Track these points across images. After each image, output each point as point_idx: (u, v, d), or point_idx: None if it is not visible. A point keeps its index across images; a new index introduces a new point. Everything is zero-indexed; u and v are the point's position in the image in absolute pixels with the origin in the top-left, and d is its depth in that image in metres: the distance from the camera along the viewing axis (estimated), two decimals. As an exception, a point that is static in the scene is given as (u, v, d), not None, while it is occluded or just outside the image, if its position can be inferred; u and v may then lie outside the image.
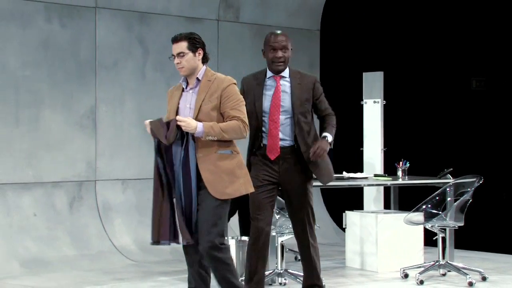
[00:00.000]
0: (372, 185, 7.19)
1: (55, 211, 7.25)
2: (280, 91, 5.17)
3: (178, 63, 4.51)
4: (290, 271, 6.05)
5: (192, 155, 4.41)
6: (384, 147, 7.85)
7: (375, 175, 7.29)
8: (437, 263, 6.48)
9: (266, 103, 5.17)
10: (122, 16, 7.81)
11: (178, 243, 4.59)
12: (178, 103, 4.56)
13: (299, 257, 7.37)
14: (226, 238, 4.55)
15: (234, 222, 7.11)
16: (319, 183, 6.80)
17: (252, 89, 5.22)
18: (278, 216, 5.93)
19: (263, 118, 5.17)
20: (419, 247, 6.98)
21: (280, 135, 5.15)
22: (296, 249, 7.52)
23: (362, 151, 7.98)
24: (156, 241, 4.63)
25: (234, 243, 6.10)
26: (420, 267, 6.51)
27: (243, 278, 6.02)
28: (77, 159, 7.45)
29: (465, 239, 7.61)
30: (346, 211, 7.20)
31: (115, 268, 6.97)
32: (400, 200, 7.44)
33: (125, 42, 7.84)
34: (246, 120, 4.47)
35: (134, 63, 7.93)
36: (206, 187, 4.42)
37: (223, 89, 4.45)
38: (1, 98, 7.08)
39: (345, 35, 9.28)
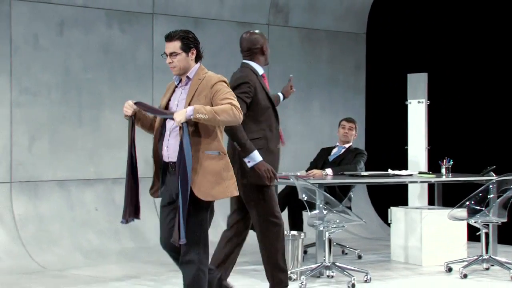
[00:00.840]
0: (417, 182, 7.09)
1: (115, 205, 7.30)
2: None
3: (170, 62, 4.21)
4: (337, 264, 5.99)
5: (187, 149, 4.03)
6: (428, 145, 7.76)
7: (420, 173, 7.19)
8: (481, 258, 6.36)
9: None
10: (177, 21, 7.84)
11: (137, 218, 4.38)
12: (169, 100, 4.27)
13: (346, 251, 7.34)
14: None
15: (283, 217, 7.08)
16: (364, 180, 6.75)
17: (259, 86, 5.03)
18: (326, 211, 5.88)
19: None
20: (463, 242, 6.86)
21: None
22: (344, 243, 7.50)
23: (407, 149, 7.89)
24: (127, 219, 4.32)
25: (284, 237, 6.04)
26: (463, 261, 6.39)
27: (292, 270, 5.99)
28: (139, 158, 7.48)
29: (508, 234, 7.46)
30: (391, 207, 7.11)
31: (171, 260, 6.96)
32: (444, 196, 7.33)
33: (180, 46, 7.86)
34: (238, 106, 4.10)
35: (188, 66, 7.94)
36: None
37: (211, 86, 4.17)
38: (66, 99, 7.17)
39: (390, 37, 9.18)
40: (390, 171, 6.90)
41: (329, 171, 6.75)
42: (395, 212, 7.05)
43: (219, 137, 4.15)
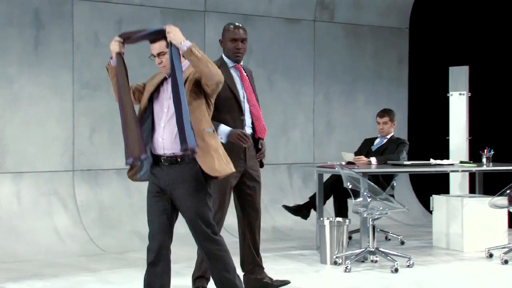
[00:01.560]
0: (458, 171, 7.02)
1: (170, 193, 7.38)
2: (247, 79, 4.89)
3: (160, 63, 4.02)
4: (381, 249, 5.98)
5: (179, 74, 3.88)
6: (469, 136, 7.67)
7: (461, 162, 7.12)
8: (521, 244, 6.27)
9: (241, 90, 4.84)
10: (228, 18, 7.86)
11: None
12: (156, 90, 4.06)
13: (389, 237, 7.30)
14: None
15: (329, 205, 7.10)
16: (407, 169, 6.71)
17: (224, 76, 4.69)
18: (370, 199, 5.86)
19: (241, 106, 4.81)
20: (503, 229, 6.77)
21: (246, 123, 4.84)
22: (387, 229, 7.46)
23: (448, 140, 7.83)
24: (137, 156, 3.94)
25: (329, 224, 6.06)
26: (504, 247, 6.31)
27: (338, 255, 5.99)
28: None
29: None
30: (433, 195, 7.06)
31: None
32: (485, 185, 7.24)
33: (230, 42, 7.90)
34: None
35: (239, 60, 7.98)
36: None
37: (193, 73, 4.00)
38: (123, 93, 7.27)
39: (432, 32, 9.08)
40: (432, 161, 6.85)
41: (373, 160, 6.72)
42: (437, 200, 6.99)
43: (209, 115, 4.05)
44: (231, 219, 7.79)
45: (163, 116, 4.01)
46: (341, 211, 6.95)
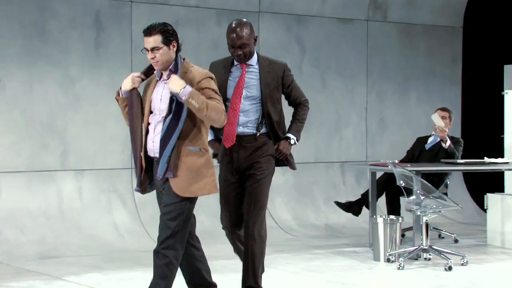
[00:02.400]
0: (513, 169, 6.86)
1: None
2: (244, 80, 4.44)
3: (152, 58, 3.83)
4: (434, 247, 5.89)
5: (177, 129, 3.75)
6: (524, 134, 7.50)
7: (516, 160, 6.96)
8: None
9: (230, 91, 4.45)
10: (282, 18, 7.87)
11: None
12: (152, 94, 3.93)
13: (442, 235, 7.19)
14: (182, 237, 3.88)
15: (381, 202, 7.02)
16: (461, 168, 6.59)
17: (218, 75, 4.39)
18: (423, 197, 5.78)
19: (226, 105, 4.44)
20: (559, 229, 6.60)
21: (241, 122, 4.43)
22: (440, 227, 7.35)
23: (503, 138, 7.68)
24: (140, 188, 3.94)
25: (382, 221, 5.99)
26: (560, 247, 6.15)
27: (391, 252, 5.92)
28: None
29: None
30: (488, 194, 6.91)
31: (276, 241, 7.05)
32: (540, 184, 7.07)
33: (284, 41, 7.90)
34: (224, 109, 3.84)
35: (292, 60, 7.96)
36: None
37: (197, 82, 3.80)
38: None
39: (487, 30, 8.90)
40: (486, 159, 6.71)
41: (448, 142, 6.63)
42: (492, 198, 6.85)
43: (203, 133, 3.86)
44: (284, 215, 7.80)
45: (155, 119, 3.88)
46: (393, 209, 6.87)
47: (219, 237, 7.08)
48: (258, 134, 4.46)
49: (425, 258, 5.97)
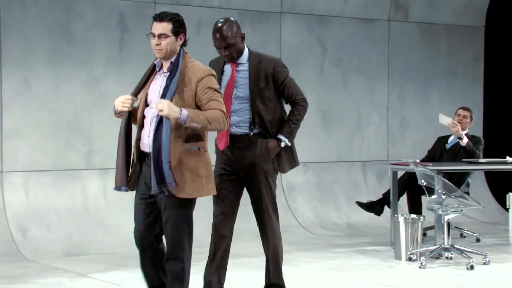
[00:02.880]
0: (535, 169, 6.80)
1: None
2: (234, 79, 4.27)
3: (157, 44, 3.64)
4: (456, 246, 5.87)
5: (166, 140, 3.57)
6: (547, 134, 7.42)
7: (538, 160, 6.90)
8: None
9: (222, 90, 4.26)
10: (303, 19, 7.88)
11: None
12: (149, 86, 3.74)
13: (464, 234, 7.15)
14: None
15: (402, 201, 7.00)
16: (482, 167, 6.55)
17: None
18: (444, 196, 5.76)
19: None
20: None
21: (233, 123, 4.24)
22: (462, 226, 7.31)
23: (525, 137, 7.60)
24: (117, 186, 3.73)
25: (403, 220, 5.98)
26: None
27: (412, 251, 5.91)
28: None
29: None
30: (510, 193, 6.86)
31: (297, 240, 7.06)
32: None
33: (306, 42, 7.91)
34: (225, 111, 3.69)
35: (314, 60, 7.97)
36: None
37: (198, 80, 3.64)
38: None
39: (509, 29, 8.84)
40: (508, 158, 6.67)
41: (465, 139, 6.61)
42: (513, 198, 6.80)
43: (202, 133, 3.68)
44: (306, 213, 7.81)
45: (150, 112, 3.68)
46: (415, 208, 6.85)
47: (242, 235, 7.11)
48: (251, 134, 4.28)
49: (447, 257, 5.95)
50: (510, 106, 8.62)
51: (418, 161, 6.47)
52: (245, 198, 7.42)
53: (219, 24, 4.23)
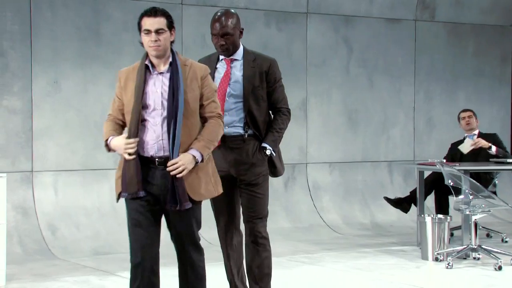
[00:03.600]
0: None
1: (273, 189, 7.42)
2: (229, 76, 4.03)
3: (156, 40, 3.44)
4: (483, 246, 5.81)
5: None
6: None
7: None
8: None
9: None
10: (329, 19, 7.86)
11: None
12: (144, 88, 3.45)
13: (491, 234, 7.08)
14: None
15: (429, 201, 6.95)
16: (510, 167, 6.48)
17: None
18: (471, 196, 5.71)
19: None
20: None
21: (227, 122, 3.96)
22: (489, 227, 7.23)
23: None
24: (133, 192, 3.49)
25: (430, 220, 5.94)
26: None
27: (439, 251, 5.86)
28: (291, 145, 7.60)
29: None
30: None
31: (323, 240, 7.05)
32: None
33: (332, 42, 7.89)
34: (221, 112, 3.57)
35: (339, 60, 7.95)
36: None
37: (201, 77, 3.48)
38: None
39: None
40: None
41: (493, 148, 6.56)
42: (542, 199, 6.72)
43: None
44: (332, 213, 7.78)
45: (153, 115, 3.45)
46: (442, 208, 6.81)
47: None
48: (246, 136, 4.03)
49: (474, 258, 5.89)
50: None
51: (444, 161, 6.42)
52: (271, 198, 7.41)
53: (220, 13, 4.06)
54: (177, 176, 3.37)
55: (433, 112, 8.50)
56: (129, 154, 3.41)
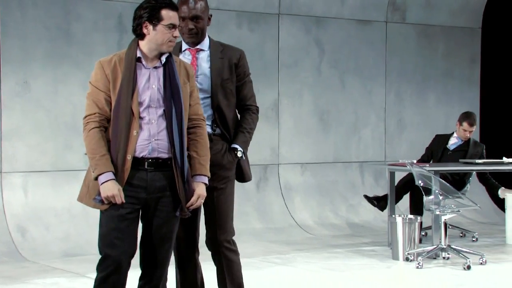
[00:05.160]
0: (531, 169, 6.81)
1: (245, 190, 7.43)
2: (195, 68, 3.64)
3: (176, 36, 3.26)
4: (453, 246, 5.87)
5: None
6: (543, 134, 7.44)
7: (534, 161, 6.92)
8: None
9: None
10: (301, 20, 7.87)
11: None
12: (134, 82, 3.18)
13: (464, 233, 7.16)
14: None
15: (402, 202, 7.00)
16: (480, 167, 6.55)
17: None
18: (442, 197, 5.76)
19: None
20: None
21: None
22: (462, 226, 7.31)
23: (522, 138, 7.62)
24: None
25: (401, 221, 5.98)
26: None
27: (409, 251, 5.90)
28: (263, 145, 7.61)
29: None
30: (507, 193, 6.87)
31: (295, 240, 7.06)
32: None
33: (303, 43, 7.90)
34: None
35: (311, 61, 7.97)
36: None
37: (191, 76, 3.31)
38: (200, 93, 7.36)
39: (506, 31, 8.84)
40: (504, 159, 6.68)
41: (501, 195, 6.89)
42: (510, 198, 6.80)
43: None
44: (303, 214, 7.80)
45: (151, 112, 3.20)
46: (417, 208, 6.86)
47: (242, 235, 7.10)
48: (213, 135, 3.64)
49: (444, 257, 5.95)
50: (506, 107, 8.63)
51: (415, 161, 6.47)
52: (243, 198, 7.42)
53: None
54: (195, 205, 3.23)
55: (404, 113, 8.56)
56: (110, 202, 3.13)
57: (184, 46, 3.70)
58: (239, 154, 3.70)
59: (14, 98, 6.48)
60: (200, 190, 3.26)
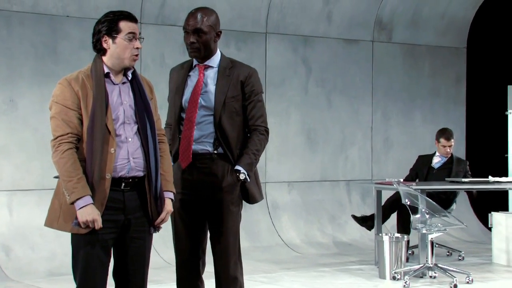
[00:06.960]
0: (517, 188, 6.85)
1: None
2: (201, 85, 3.58)
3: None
4: (439, 265, 5.87)
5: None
6: (528, 153, 7.50)
7: (520, 179, 6.95)
8: None
9: (186, 97, 3.62)
10: (288, 40, 7.91)
11: None
12: (106, 98, 3.07)
13: (451, 252, 7.16)
14: None
15: (389, 220, 7.01)
16: (466, 186, 6.58)
17: (175, 80, 3.71)
18: (428, 215, 5.77)
19: (182, 115, 3.62)
20: None
21: (195, 137, 3.55)
22: (448, 245, 7.31)
23: (507, 157, 7.68)
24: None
25: (388, 239, 5.98)
26: None
27: (396, 270, 5.90)
28: (250, 164, 7.59)
29: None
30: (492, 212, 6.89)
31: (282, 259, 7.04)
32: (545, 203, 7.04)
33: (291, 62, 7.93)
34: (164, 131, 3.35)
35: (298, 80, 8.00)
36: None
37: (153, 90, 3.29)
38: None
39: (491, 51, 8.93)
40: (490, 178, 6.71)
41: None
42: (496, 217, 6.83)
43: None
44: (290, 232, 7.78)
45: (127, 129, 3.09)
46: (404, 227, 6.86)
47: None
48: (214, 154, 3.55)
49: (431, 276, 5.95)
50: (491, 126, 8.69)
51: (401, 180, 6.49)
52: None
53: (196, 8, 3.62)
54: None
55: (390, 131, 8.60)
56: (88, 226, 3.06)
57: (195, 62, 3.66)
58: (242, 176, 3.54)
59: (0, 116, 6.45)
60: (168, 206, 3.19)
